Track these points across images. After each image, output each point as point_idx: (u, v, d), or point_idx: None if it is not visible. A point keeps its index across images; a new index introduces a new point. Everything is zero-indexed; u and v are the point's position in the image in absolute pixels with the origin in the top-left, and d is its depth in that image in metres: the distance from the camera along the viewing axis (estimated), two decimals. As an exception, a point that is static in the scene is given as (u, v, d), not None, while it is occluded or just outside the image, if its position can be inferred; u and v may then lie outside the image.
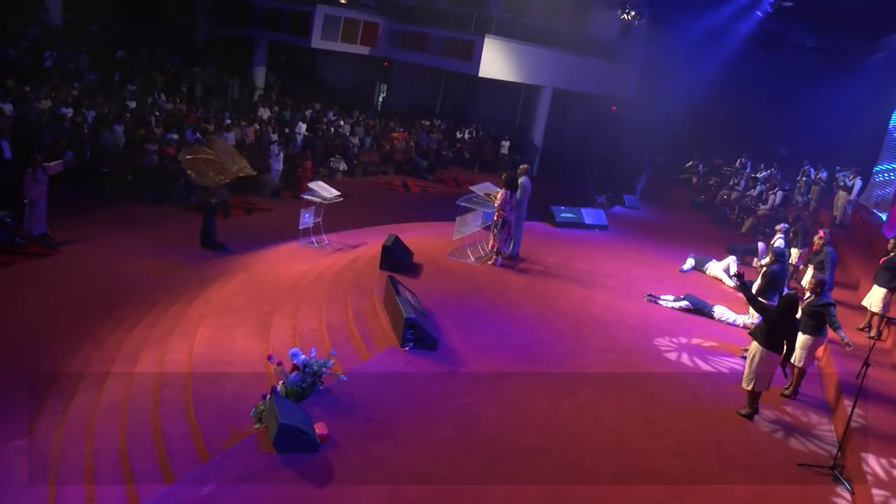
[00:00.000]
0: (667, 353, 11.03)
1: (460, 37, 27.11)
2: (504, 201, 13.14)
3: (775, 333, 8.95)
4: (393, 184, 24.74)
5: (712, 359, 11.06)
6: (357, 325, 10.59)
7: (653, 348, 11.10)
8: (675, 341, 11.53)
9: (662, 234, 19.10)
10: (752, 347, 9.13)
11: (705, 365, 10.81)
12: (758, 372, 9.02)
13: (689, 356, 11.04)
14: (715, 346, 11.59)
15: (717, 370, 10.70)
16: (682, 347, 11.34)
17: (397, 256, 12.44)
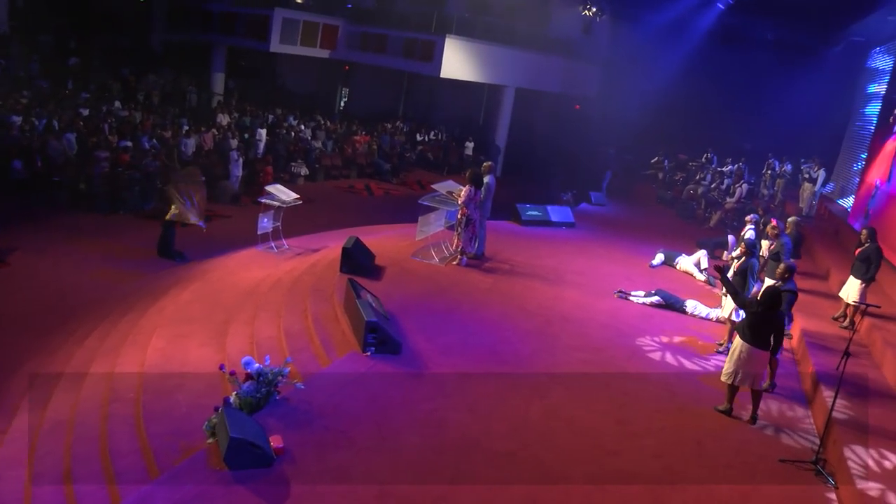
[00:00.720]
0: (640, 350, 10.64)
1: (420, 37, 26.68)
2: (468, 198, 12.69)
3: (760, 329, 8.58)
4: (355, 187, 24.20)
5: (688, 355, 10.69)
6: (317, 330, 10.07)
7: (625, 345, 10.70)
8: (648, 338, 11.15)
9: (630, 230, 18.78)
10: (736, 343, 8.74)
11: (680, 361, 10.43)
12: (745, 370, 8.62)
13: (664, 352, 10.66)
14: (689, 342, 11.22)
15: (693, 366, 10.32)
16: (656, 344, 10.95)
17: (358, 259, 11.93)
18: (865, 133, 20.55)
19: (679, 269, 15.07)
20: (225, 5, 28.94)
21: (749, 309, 8.71)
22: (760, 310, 8.55)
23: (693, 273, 14.76)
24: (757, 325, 8.57)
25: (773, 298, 8.60)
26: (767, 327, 8.58)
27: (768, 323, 8.55)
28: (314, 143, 25.23)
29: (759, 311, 8.54)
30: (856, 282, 11.78)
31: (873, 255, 11.62)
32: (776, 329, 8.62)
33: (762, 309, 8.54)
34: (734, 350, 8.71)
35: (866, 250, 11.72)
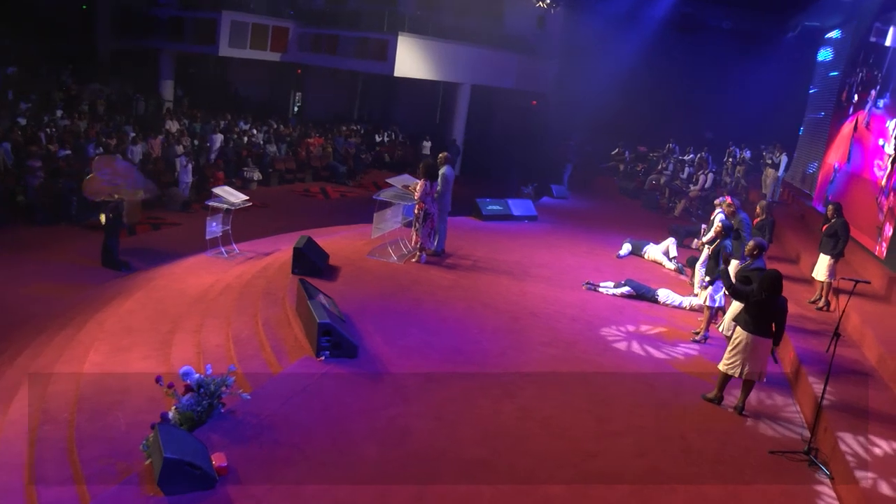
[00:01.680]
0: (614, 343, 9.97)
1: (373, 37, 25.88)
2: (424, 192, 11.93)
3: (761, 316, 7.95)
4: (311, 191, 23.32)
5: (664, 346, 10.05)
6: (267, 336, 9.24)
7: (598, 339, 10.02)
8: (622, 330, 10.50)
9: (594, 222, 18.15)
10: (739, 334, 8.09)
11: (657, 352, 9.79)
12: (752, 362, 7.99)
13: (639, 344, 10.01)
14: (664, 332, 10.59)
15: (670, 357, 9.68)
16: (629, 336, 10.30)
17: (311, 259, 11.10)
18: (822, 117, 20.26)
19: (647, 258, 14.48)
20: (171, 10, 27.85)
21: (749, 298, 8.06)
22: (764, 296, 7.90)
23: (662, 262, 14.18)
24: (758, 313, 7.94)
25: (775, 283, 7.95)
26: (769, 314, 7.95)
27: (770, 310, 7.93)
28: (268, 148, 24.30)
29: (762, 299, 7.89)
30: (825, 258, 11.32)
31: (840, 229, 11.20)
32: (779, 315, 8.00)
33: (766, 295, 7.90)
34: (738, 342, 8.05)
35: (833, 226, 11.29)
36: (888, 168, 13.16)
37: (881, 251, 12.46)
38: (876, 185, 13.75)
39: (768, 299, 7.85)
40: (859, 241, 13.46)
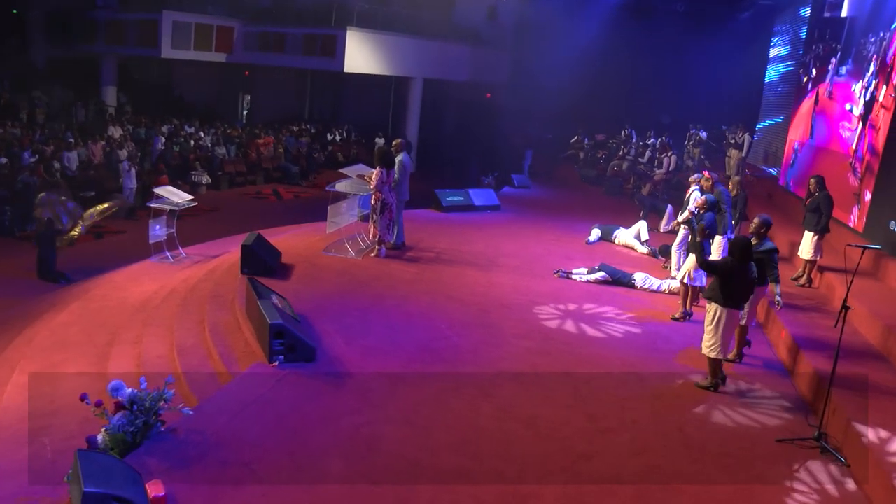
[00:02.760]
0: (594, 332, 9.14)
1: (321, 33, 24.79)
2: (381, 181, 11.00)
3: (735, 287, 7.30)
4: (263, 193, 22.19)
5: (648, 332, 9.28)
6: (215, 342, 8.24)
7: (579, 329, 9.20)
8: (601, 318, 9.69)
9: (559, 210, 17.34)
10: (713, 309, 7.36)
11: (641, 340, 9.00)
12: (725, 337, 7.28)
13: (621, 332, 9.22)
14: (646, 317, 9.81)
15: (656, 345, 8.90)
16: (609, 323, 9.50)
17: (261, 257, 10.11)
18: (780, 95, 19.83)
19: (618, 243, 13.73)
20: (110, 12, 26.37)
21: (722, 270, 7.35)
22: (735, 264, 7.21)
23: (634, 246, 13.43)
24: (730, 283, 7.23)
25: (745, 249, 7.28)
26: (743, 285, 7.25)
27: (744, 279, 7.22)
28: (216, 150, 23.10)
29: (733, 268, 7.19)
30: (809, 235, 10.68)
31: (823, 203, 10.57)
32: (749, 285, 7.31)
33: (736, 264, 7.21)
34: (714, 318, 7.33)
35: (815, 199, 10.66)
36: (858, 127, 12.58)
37: (859, 224, 11.86)
38: (846, 153, 13.19)
39: (741, 268, 7.29)
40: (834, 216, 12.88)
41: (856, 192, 11.99)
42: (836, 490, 5.96)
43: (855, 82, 13.69)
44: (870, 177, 11.79)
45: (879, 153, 11.53)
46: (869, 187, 11.73)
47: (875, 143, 11.79)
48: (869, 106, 12.37)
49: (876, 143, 11.74)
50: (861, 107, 12.82)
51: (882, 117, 11.70)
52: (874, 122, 12.03)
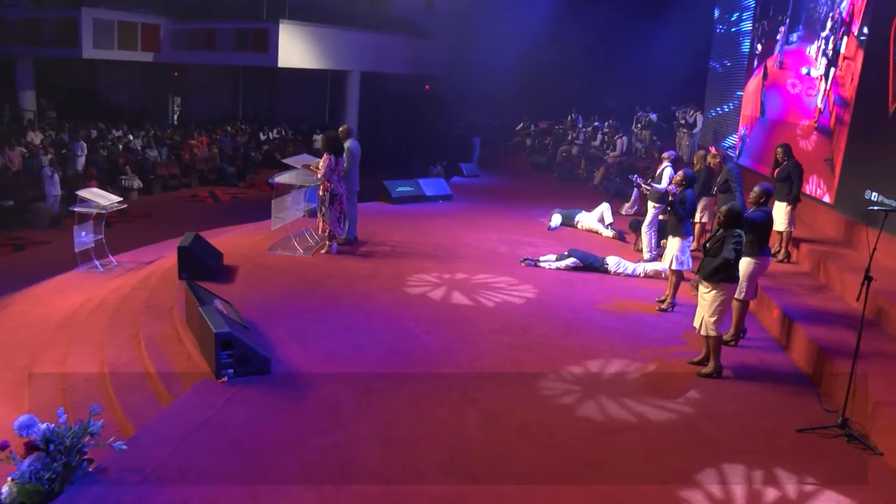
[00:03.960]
0: (574, 322, 8.25)
1: (252, 27, 23.39)
2: (329, 169, 9.91)
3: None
4: (199, 195, 20.75)
5: (632, 320, 8.42)
6: (153, 358, 7.08)
7: (555, 319, 8.29)
8: (579, 306, 8.80)
9: (513, 197, 16.42)
10: (715, 287, 6.61)
11: (628, 328, 8.13)
12: (726, 313, 6.58)
13: (603, 321, 8.35)
14: (626, 304, 8.98)
15: (643, 332, 8.05)
16: (588, 312, 8.63)
17: (200, 259, 8.94)
18: (730, 72, 19.33)
19: (581, 227, 12.90)
20: (23, 10, 24.42)
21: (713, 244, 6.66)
22: (720, 232, 6.59)
23: (598, 230, 12.62)
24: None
25: (737, 217, 6.59)
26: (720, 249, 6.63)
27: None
28: (147, 153, 21.54)
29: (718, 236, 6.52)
30: (780, 205, 9.99)
31: (793, 171, 9.93)
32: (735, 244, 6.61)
33: (720, 230, 6.64)
34: (709, 296, 6.54)
35: (784, 168, 10.01)
36: (823, 87, 11.95)
37: (830, 196, 11.24)
38: (810, 118, 12.55)
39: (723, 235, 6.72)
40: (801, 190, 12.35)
41: (828, 158, 11.35)
42: (878, 482, 5.16)
43: (809, 44, 13.17)
44: (839, 140, 11.20)
45: (850, 104, 10.91)
46: (839, 152, 11.13)
47: (843, 96, 11.19)
48: (833, 61, 11.74)
49: (844, 97, 11.14)
50: (822, 66, 12.24)
51: (848, 69, 11.11)
52: (840, 79, 11.42)
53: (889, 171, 9.78)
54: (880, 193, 9.92)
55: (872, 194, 10.07)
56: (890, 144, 9.77)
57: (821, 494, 5.01)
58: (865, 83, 10.69)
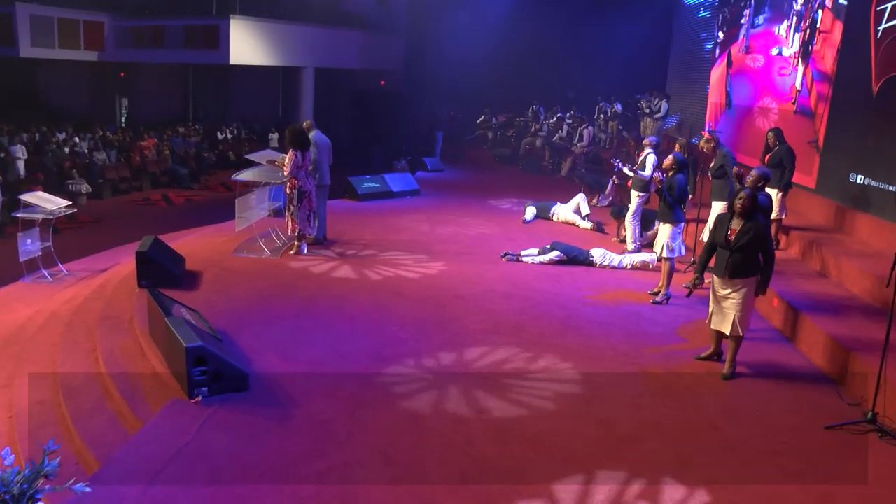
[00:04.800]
0: (568, 319, 7.68)
1: (202, 23, 22.29)
2: (296, 165, 9.18)
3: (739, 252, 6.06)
4: (151, 199, 19.64)
5: (627, 314, 7.90)
6: (113, 377, 6.28)
7: (547, 317, 7.71)
8: (569, 301, 8.24)
9: (481, 191, 15.78)
10: (743, 284, 6.08)
11: (624, 324, 7.61)
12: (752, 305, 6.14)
13: (598, 316, 7.80)
14: (617, 297, 8.47)
15: (641, 327, 7.53)
16: (581, 308, 8.07)
17: (161, 264, 8.13)
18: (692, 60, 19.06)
19: (557, 220, 12.35)
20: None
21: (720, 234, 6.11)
22: (737, 222, 6.02)
23: (575, 221, 12.10)
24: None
25: (757, 203, 6.03)
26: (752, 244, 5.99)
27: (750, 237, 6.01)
28: (95, 156, 20.36)
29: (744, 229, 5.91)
30: (772, 192, 9.53)
31: (785, 157, 9.47)
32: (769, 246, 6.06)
33: (734, 219, 6.07)
34: (746, 294, 6.06)
35: (776, 154, 9.55)
36: (800, 66, 11.60)
37: (812, 181, 10.89)
38: (784, 103, 12.22)
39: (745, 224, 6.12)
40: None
41: (812, 140, 10.98)
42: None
43: (778, 24, 12.89)
44: (821, 120, 10.86)
45: (830, 80, 10.58)
46: (819, 134, 10.80)
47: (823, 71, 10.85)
48: (811, 36, 11.34)
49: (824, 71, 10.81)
50: (795, 43, 11.91)
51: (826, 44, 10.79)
52: (818, 55, 11.06)
53: (875, 152, 9.46)
54: (867, 176, 9.60)
55: (858, 177, 9.75)
56: (875, 126, 9.45)
57: (862, 496, 4.52)
58: (845, 61, 10.36)
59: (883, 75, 9.38)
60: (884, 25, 9.42)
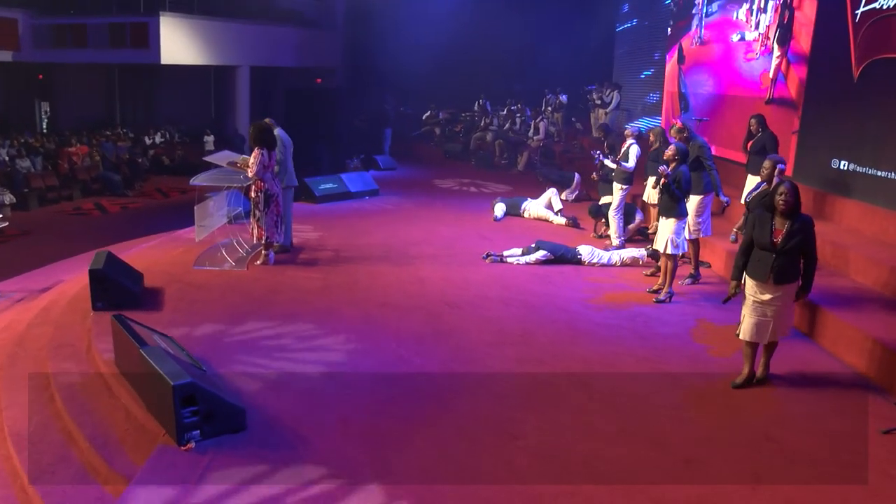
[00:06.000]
0: (574, 323, 7.03)
1: (129, 21, 20.76)
2: (262, 166, 8.25)
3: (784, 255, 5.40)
4: (83, 208, 18.17)
5: (633, 315, 7.30)
6: (78, 420, 5.31)
7: (552, 322, 7.04)
8: (569, 304, 7.58)
9: (440, 189, 15.00)
10: (775, 288, 5.42)
11: (633, 326, 7.01)
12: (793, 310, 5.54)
13: (603, 320, 7.17)
14: (619, 297, 7.87)
15: (652, 328, 6.95)
16: (583, 311, 7.43)
17: (118, 283, 7.08)
18: (637, 51, 18.74)
19: (528, 216, 11.70)
20: None
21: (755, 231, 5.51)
22: (781, 222, 5.38)
23: (548, 217, 11.47)
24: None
25: (797, 196, 5.41)
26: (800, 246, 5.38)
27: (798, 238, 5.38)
28: (19, 163, 18.71)
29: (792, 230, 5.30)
30: (755, 179, 9.10)
31: (769, 143, 9.05)
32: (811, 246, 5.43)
33: (775, 217, 5.41)
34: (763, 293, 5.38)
35: (759, 140, 9.13)
36: (774, 49, 11.18)
37: (789, 167, 10.52)
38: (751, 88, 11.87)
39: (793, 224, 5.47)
40: (731, 158, 11.67)
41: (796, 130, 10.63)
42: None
43: (736, 8, 12.55)
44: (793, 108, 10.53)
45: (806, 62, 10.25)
46: (795, 118, 10.46)
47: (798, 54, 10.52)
48: (790, 18, 10.91)
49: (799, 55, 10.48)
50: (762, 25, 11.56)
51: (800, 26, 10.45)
52: (793, 33, 10.71)
53: (858, 137, 9.13)
54: (850, 161, 9.28)
55: (841, 163, 9.41)
56: (858, 110, 9.11)
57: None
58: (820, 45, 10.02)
59: (864, 59, 9.06)
60: (862, 9, 9.11)
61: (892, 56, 8.56)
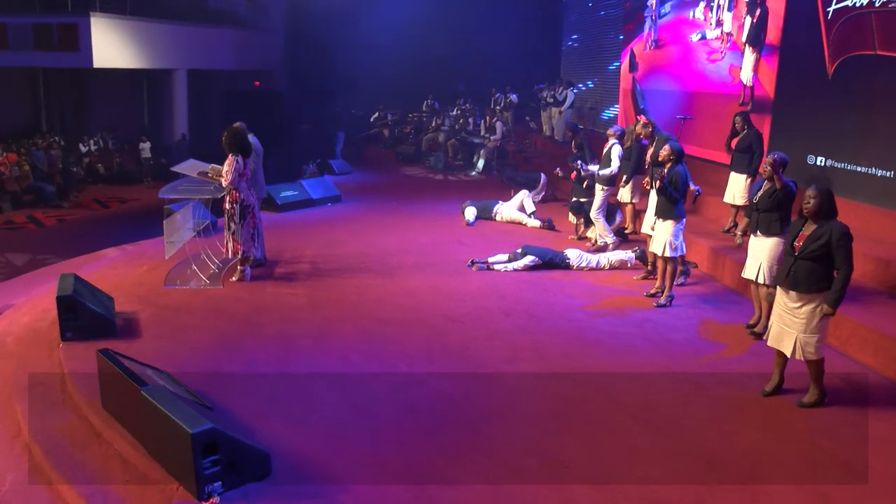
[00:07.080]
0: (581, 333, 6.67)
1: (56, 21, 19.38)
2: (238, 174, 7.60)
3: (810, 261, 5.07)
4: (15, 222, 16.89)
5: (639, 320, 6.99)
6: (64, 473, 4.65)
7: (559, 333, 6.66)
8: (570, 312, 7.22)
9: (402, 193, 14.37)
10: (813, 300, 5.04)
11: (640, 331, 6.71)
12: (826, 327, 5.15)
13: (610, 328, 6.82)
14: (618, 302, 7.55)
15: (661, 334, 6.65)
16: (586, 319, 7.07)
17: (91, 310, 6.32)
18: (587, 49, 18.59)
19: (501, 219, 11.29)
20: None
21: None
22: (806, 226, 5.12)
23: (521, 220, 11.08)
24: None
25: (825, 199, 5.10)
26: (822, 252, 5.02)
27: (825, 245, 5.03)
28: (-63, 177, 17.30)
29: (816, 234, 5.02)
30: (740, 177, 9.04)
31: (755, 141, 8.99)
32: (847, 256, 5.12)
33: (804, 221, 5.14)
34: (818, 313, 5.05)
35: (745, 138, 9.02)
36: (745, 48, 11.02)
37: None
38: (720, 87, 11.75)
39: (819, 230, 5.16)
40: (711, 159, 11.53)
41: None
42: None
43: (692, 8, 12.45)
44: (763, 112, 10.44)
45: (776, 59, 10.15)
46: (768, 115, 10.38)
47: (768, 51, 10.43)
48: (762, 16, 10.78)
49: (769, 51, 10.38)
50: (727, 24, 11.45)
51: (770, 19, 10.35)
52: (766, 31, 10.61)
53: (835, 134, 9.09)
54: (828, 157, 9.23)
55: (818, 159, 9.36)
56: (834, 107, 9.07)
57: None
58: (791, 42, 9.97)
59: (838, 56, 9.02)
60: (834, 6, 9.06)
61: (868, 53, 8.57)
